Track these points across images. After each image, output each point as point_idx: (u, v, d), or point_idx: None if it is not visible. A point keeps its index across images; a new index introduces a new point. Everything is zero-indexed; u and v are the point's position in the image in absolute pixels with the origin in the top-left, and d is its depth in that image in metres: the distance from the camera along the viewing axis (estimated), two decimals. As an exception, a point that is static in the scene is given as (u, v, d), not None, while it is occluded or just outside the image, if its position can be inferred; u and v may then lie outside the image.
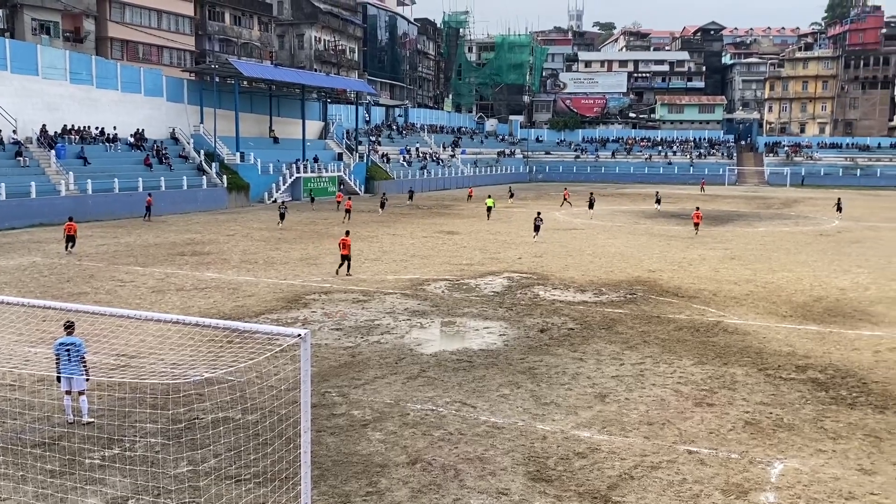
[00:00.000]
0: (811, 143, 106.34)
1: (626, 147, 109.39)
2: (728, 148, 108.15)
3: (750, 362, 15.35)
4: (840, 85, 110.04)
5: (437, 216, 47.61)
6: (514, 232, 39.18)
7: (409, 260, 28.59)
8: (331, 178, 63.65)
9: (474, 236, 36.82)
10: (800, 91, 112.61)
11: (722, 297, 22.03)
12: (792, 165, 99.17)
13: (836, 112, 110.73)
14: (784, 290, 23.26)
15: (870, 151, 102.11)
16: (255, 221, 42.56)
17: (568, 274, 25.78)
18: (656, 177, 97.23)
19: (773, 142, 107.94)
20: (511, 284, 23.69)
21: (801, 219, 49.22)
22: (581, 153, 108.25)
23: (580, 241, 35.26)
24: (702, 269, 27.26)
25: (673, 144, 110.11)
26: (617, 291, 22.67)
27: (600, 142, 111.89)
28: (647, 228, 41.86)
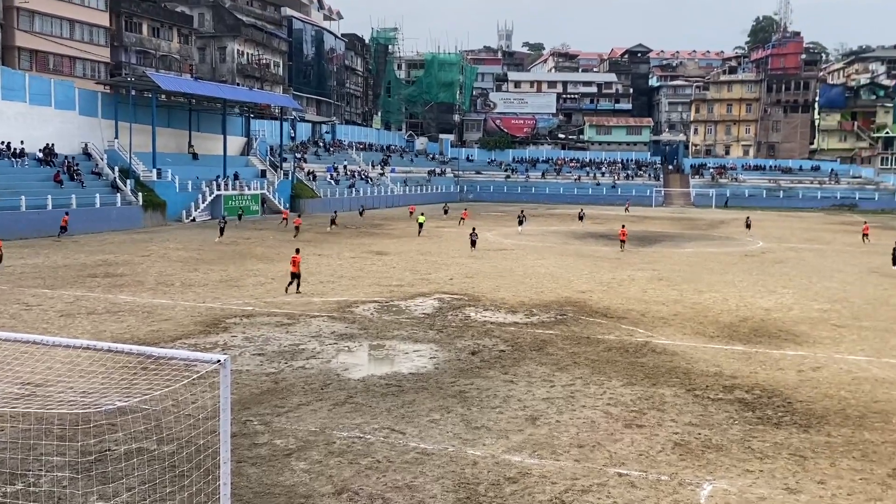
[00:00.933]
0: (736, 164, 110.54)
1: (555, 168, 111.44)
2: (655, 169, 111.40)
3: (678, 383, 15.75)
4: (763, 108, 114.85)
5: (365, 236, 47.45)
6: (444, 252, 39.35)
7: (337, 281, 28.37)
8: (253, 196, 62.74)
9: (404, 256, 36.83)
10: (724, 114, 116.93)
11: (650, 317, 22.57)
12: (717, 187, 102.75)
13: (760, 135, 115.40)
14: (711, 310, 24.00)
15: (792, 174, 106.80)
16: (172, 241, 41.55)
17: (499, 295, 26.01)
18: (585, 197, 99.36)
19: (699, 163, 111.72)
20: (442, 306, 23.74)
21: (727, 240, 50.96)
22: (511, 173, 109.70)
23: (511, 262, 35.65)
24: (630, 289, 27.89)
25: (601, 165, 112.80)
26: (547, 312, 22.97)
27: (530, 162, 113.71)
28: (577, 249, 42.65)
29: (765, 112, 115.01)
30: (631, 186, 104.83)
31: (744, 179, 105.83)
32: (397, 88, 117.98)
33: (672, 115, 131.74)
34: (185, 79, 65.21)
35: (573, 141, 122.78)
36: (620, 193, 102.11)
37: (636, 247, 44.44)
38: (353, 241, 43.44)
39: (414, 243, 43.55)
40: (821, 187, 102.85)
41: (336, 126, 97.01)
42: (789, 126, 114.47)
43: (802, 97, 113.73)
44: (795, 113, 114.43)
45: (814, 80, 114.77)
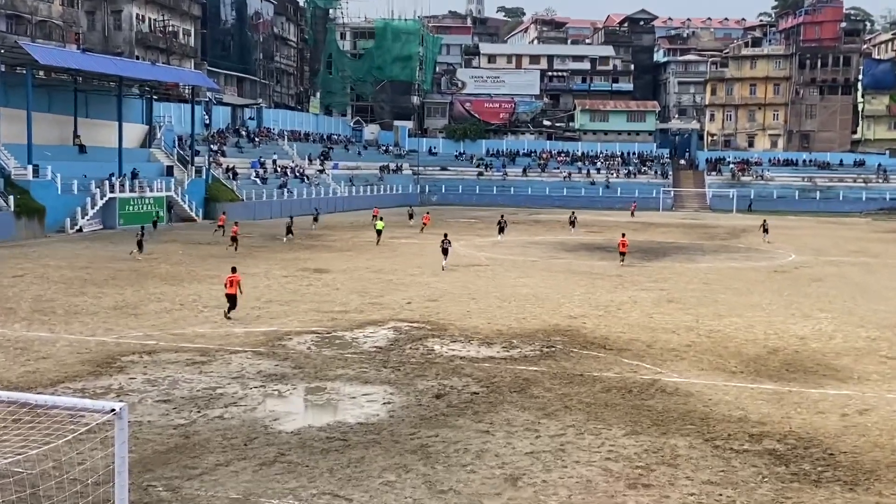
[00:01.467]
0: (761, 159, 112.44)
1: (540, 163, 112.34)
2: (662, 165, 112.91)
3: (694, 431, 15.87)
4: (794, 89, 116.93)
5: (301, 249, 47.24)
6: (401, 268, 39.35)
7: (264, 307, 28.21)
8: (157, 200, 62.21)
9: (350, 275, 36.74)
10: (747, 96, 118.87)
11: (658, 349, 22.77)
12: (739, 186, 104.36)
13: (791, 122, 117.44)
14: (733, 339, 24.28)
15: (830, 169, 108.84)
16: (52, 257, 40.97)
17: (470, 322, 26.05)
18: (576, 199, 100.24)
19: (716, 157, 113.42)
20: (398, 337, 23.70)
21: (752, 252, 51.68)
22: (485, 169, 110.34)
23: (485, 281, 35.73)
24: (633, 314, 28.12)
25: (596, 160, 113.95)
26: (531, 344, 23.05)
27: (509, 156, 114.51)
28: (567, 264, 42.88)
29: (796, 94, 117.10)
30: (633, 186, 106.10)
31: (771, 177, 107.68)
32: (341, 64, 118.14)
33: (683, 97, 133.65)
34: (69, 51, 64.55)
35: (561, 129, 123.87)
36: (620, 194, 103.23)
37: (640, 261, 44.80)
38: (284, 257, 43.23)
39: (363, 258, 43.43)
40: (866, 186, 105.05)
41: (263, 110, 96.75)
42: (826, 111, 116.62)
43: (842, 75, 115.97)
44: (834, 95, 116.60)
45: (856, 55, 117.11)
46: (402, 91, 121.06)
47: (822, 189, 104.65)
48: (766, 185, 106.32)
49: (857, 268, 43.60)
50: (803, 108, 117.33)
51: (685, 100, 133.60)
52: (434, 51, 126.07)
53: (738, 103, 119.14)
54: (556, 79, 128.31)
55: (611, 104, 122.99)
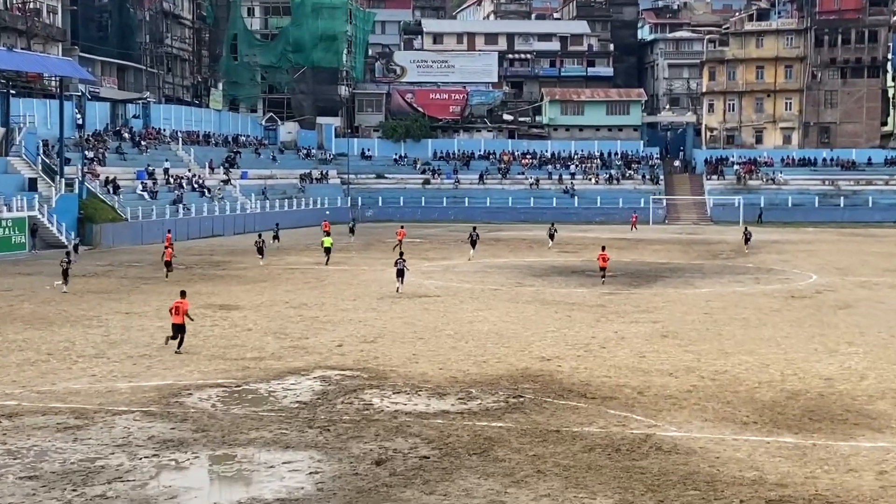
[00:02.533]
0: (772, 158, 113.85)
1: (500, 167, 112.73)
2: (652, 167, 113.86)
3: (698, 497, 15.91)
4: (810, 71, 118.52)
5: (202, 280, 46.82)
6: (329, 302, 39.23)
7: (156, 355, 27.88)
8: (16, 222, 61.29)
9: (266, 311, 36.54)
10: (753, 81, 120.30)
11: (651, 396, 22.87)
12: (746, 193, 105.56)
13: (807, 112, 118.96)
14: (743, 382, 24.47)
15: (856, 170, 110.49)
16: None
17: (418, 368, 25.97)
18: (548, 211, 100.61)
19: (717, 157, 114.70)
20: (327, 389, 23.55)
21: (764, 273, 52.22)
22: (433, 176, 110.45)
23: (435, 316, 35.70)
24: (620, 353, 28.24)
25: (570, 162, 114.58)
26: (494, 394, 23.02)
27: (461, 159, 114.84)
28: (537, 292, 43.01)
29: (813, 78, 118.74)
30: (615, 194, 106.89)
31: (785, 180, 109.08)
32: (249, 47, 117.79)
33: (675, 83, 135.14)
34: None
35: (526, 125, 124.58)
36: (601, 204, 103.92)
37: (627, 287, 45.05)
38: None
39: (281, 290, 43.18)
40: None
41: (151, 106, 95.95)
42: (850, 98, 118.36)
43: (868, 54, 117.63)
44: (858, 78, 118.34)
45: (884, 29, 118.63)
46: (327, 80, 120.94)
47: (848, 194, 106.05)
48: (778, 190, 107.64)
49: (893, 290, 44.25)
50: (822, 94, 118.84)
51: (677, 87, 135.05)
52: (366, 29, 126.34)
53: (742, 90, 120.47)
54: (519, 62, 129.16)
55: (586, 93, 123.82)
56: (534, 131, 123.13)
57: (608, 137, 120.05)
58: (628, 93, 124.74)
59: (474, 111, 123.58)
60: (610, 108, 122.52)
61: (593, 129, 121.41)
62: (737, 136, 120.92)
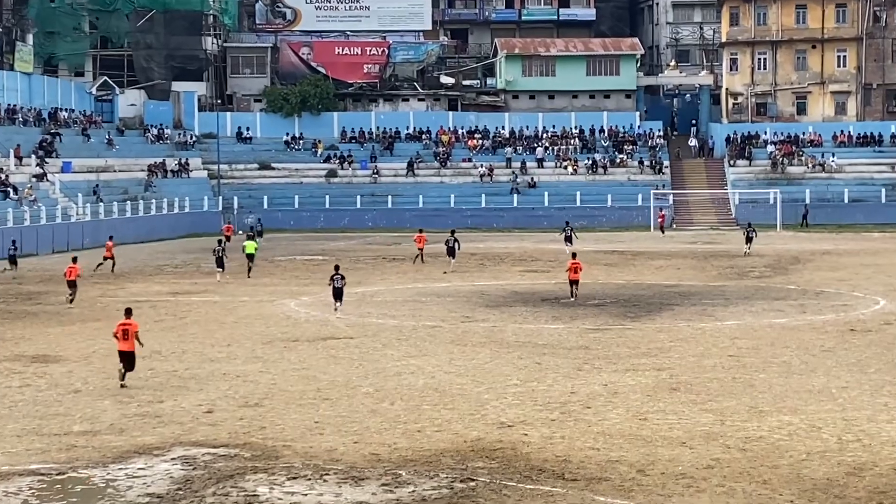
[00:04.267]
0: (820, 135, 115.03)
1: (438, 151, 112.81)
2: (652, 149, 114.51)
3: None
4: (872, 12, 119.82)
5: (5, 320, 46.62)
6: (192, 349, 39.09)
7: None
8: None
9: (100, 363, 36.19)
10: (792, 26, 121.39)
11: (657, 475, 22.87)
12: (784, 184, 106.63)
13: (868, 71, 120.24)
14: (785, 453, 24.56)
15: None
16: None
17: (323, 442, 25.82)
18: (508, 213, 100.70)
19: (743, 134, 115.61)
20: (192, 475, 23.32)
21: (812, 298, 52.66)
22: (341, 166, 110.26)
23: (347, 366, 35.57)
24: (612, 415, 28.26)
25: (537, 143, 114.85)
26: (433, 477, 22.93)
27: (382, 140, 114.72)
28: (493, 330, 43.05)
29: (876, 21, 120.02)
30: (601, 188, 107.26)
31: (839, 166, 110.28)
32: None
33: (682, 32, 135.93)
34: None
35: (474, 92, 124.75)
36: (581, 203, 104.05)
37: (620, 320, 45.23)
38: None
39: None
40: None
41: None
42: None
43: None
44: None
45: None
46: (185, 29, 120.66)
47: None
48: (830, 180, 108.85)
49: None
50: (888, 44, 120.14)
51: (686, 36, 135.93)
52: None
53: (776, 39, 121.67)
54: (461, 1, 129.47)
55: (559, 45, 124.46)
56: (485, 100, 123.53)
57: (590, 108, 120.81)
58: (617, 44, 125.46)
59: (399, 72, 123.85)
60: (592, 65, 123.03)
61: (569, 95, 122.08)
62: (770, 105, 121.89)
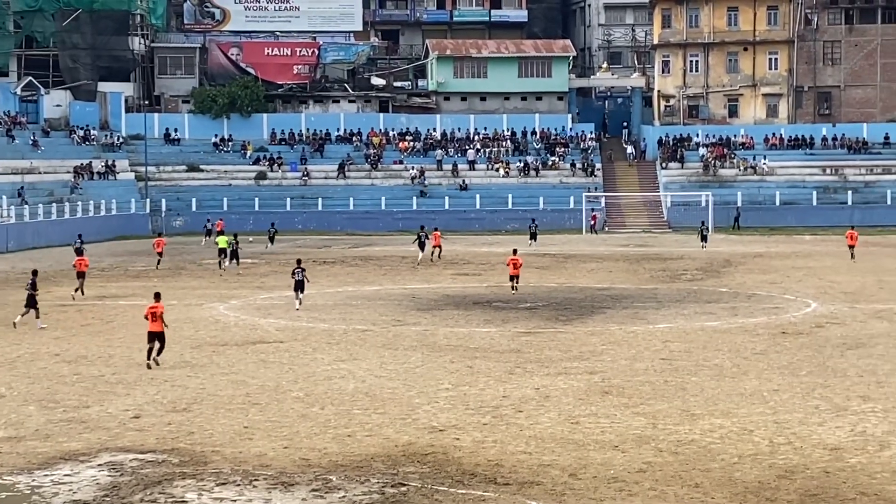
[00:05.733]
0: (752, 137, 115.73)
1: (369, 153, 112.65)
2: (584, 151, 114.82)
3: None
4: (804, 15, 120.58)
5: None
6: (119, 353, 38.83)
7: None
8: None
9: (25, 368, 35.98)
10: (724, 29, 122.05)
11: (589, 479, 22.83)
12: (717, 186, 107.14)
13: (800, 73, 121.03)
14: (717, 456, 24.59)
15: (868, 153, 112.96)
16: None
17: (253, 447, 25.66)
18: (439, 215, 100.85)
19: (675, 137, 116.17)
20: (119, 481, 23.11)
21: (744, 301, 52.94)
22: (270, 167, 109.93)
23: (277, 370, 35.45)
24: (544, 419, 28.23)
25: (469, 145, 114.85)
26: (364, 481, 22.82)
27: (312, 141, 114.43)
28: (424, 334, 42.99)
29: (807, 23, 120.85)
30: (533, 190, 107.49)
31: (771, 168, 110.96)
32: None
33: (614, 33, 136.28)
34: None
35: (405, 93, 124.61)
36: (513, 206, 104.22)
37: (552, 323, 45.30)
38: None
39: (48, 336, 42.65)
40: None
41: None
42: (858, 53, 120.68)
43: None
44: (869, 24, 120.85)
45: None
46: (112, 29, 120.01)
47: (857, 187, 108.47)
48: (761, 182, 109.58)
49: (921, 322, 45.17)
50: (819, 47, 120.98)
51: (618, 38, 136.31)
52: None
53: (708, 41, 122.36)
54: (392, 2, 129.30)
55: (490, 46, 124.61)
56: (416, 101, 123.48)
57: (522, 110, 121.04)
58: (549, 46, 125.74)
59: (330, 73, 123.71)
60: (524, 67, 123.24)
61: (501, 97, 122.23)
62: (702, 107, 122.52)
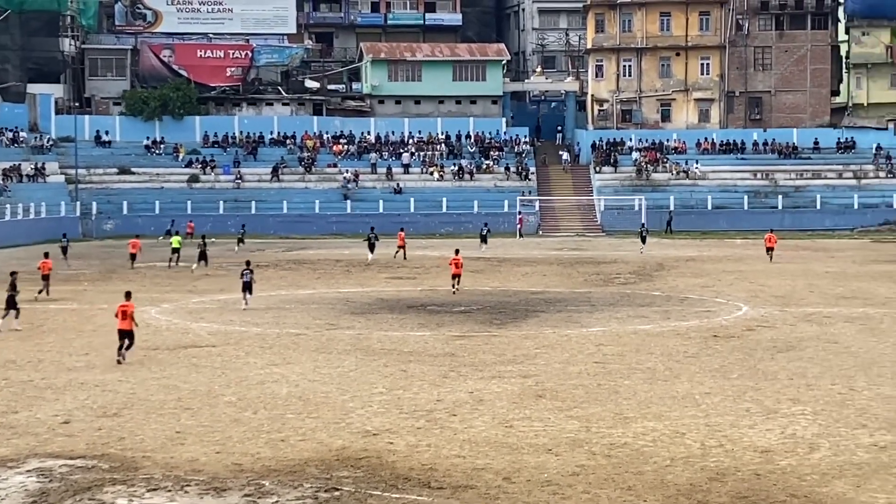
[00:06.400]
0: (684, 142, 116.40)
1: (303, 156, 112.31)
2: (519, 155, 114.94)
3: None
4: (735, 21, 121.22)
5: None
6: (49, 358, 38.47)
7: None
8: None
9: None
10: (657, 34, 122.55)
11: (523, 482, 22.86)
12: (650, 190, 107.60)
13: (732, 79, 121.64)
14: (650, 459, 24.71)
15: (799, 158, 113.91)
16: None
17: (184, 452, 25.54)
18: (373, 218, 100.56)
19: (608, 141, 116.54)
20: (48, 488, 22.94)
21: (676, 304, 53.19)
22: (203, 170, 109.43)
23: (209, 375, 35.30)
24: (478, 423, 28.23)
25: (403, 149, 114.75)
26: (297, 486, 22.77)
27: (245, 144, 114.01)
28: (358, 338, 42.94)
29: (738, 29, 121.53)
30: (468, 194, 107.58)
31: (702, 173, 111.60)
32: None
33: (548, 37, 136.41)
34: None
35: (339, 96, 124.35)
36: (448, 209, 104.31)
37: (486, 327, 45.35)
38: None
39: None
40: (859, 185, 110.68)
41: None
42: (789, 58, 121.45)
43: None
44: (799, 30, 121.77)
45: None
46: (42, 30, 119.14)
47: (788, 191, 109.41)
48: (694, 186, 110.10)
49: (851, 326, 45.46)
50: (750, 53, 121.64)
51: (552, 42, 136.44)
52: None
53: (641, 46, 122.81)
54: (327, 5, 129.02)
55: (425, 50, 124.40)
56: (351, 104, 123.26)
57: (457, 113, 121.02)
58: (484, 49, 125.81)
59: (263, 75, 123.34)
60: (458, 70, 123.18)
61: (435, 101, 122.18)
62: (636, 112, 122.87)
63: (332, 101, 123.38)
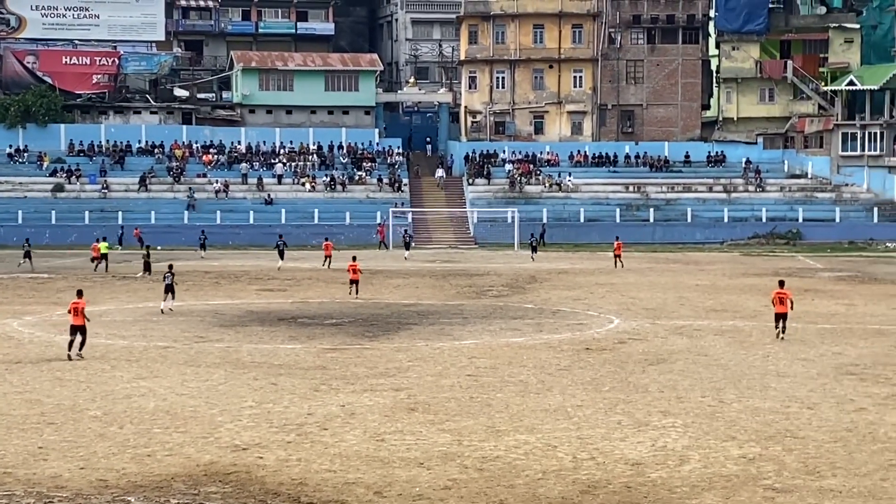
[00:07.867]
0: (557, 154, 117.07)
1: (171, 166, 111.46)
2: (391, 166, 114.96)
3: None
4: (607, 34, 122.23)
5: None
6: None
7: None
8: None
9: None
10: (530, 46, 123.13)
11: (394, 496, 22.83)
12: (523, 203, 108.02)
13: (604, 92, 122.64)
14: (522, 472, 24.76)
15: (670, 171, 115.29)
16: None
17: (47, 468, 25.20)
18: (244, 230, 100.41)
19: (482, 153, 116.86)
20: None
21: (548, 317, 53.45)
22: (68, 179, 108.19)
23: (73, 388, 34.86)
24: (349, 436, 28.17)
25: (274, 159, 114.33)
26: (164, 502, 22.56)
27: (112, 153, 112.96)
28: (227, 351, 42.71)
29: (610, 42, 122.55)
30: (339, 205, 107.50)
31: (575, 185, 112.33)
32: None
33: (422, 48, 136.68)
34: None
35: (209, 105, 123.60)
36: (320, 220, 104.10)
37: (358, 339, 45.30)
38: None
39: None
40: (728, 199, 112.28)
41: None
42: (660, 72, 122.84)
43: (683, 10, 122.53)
44: (671, 44, 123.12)
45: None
46: None
47: (659, 205, 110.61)
48: (566, 199, 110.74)
49: (720, 338, 46.05)
50: (622, 66, 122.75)
51: (426, 52, 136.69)
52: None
53: (514, 58, 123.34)
54: (196, 13, 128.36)
55: (297, 59, 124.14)
56: (221, 114, 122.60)
57: (329, 124, 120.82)
58: (356, 59, 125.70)
59: (131, 83, 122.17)
60: (331, 80, 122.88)
61: (307, 110, 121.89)
62: (509, 124, 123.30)
63: (202, 110, 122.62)
